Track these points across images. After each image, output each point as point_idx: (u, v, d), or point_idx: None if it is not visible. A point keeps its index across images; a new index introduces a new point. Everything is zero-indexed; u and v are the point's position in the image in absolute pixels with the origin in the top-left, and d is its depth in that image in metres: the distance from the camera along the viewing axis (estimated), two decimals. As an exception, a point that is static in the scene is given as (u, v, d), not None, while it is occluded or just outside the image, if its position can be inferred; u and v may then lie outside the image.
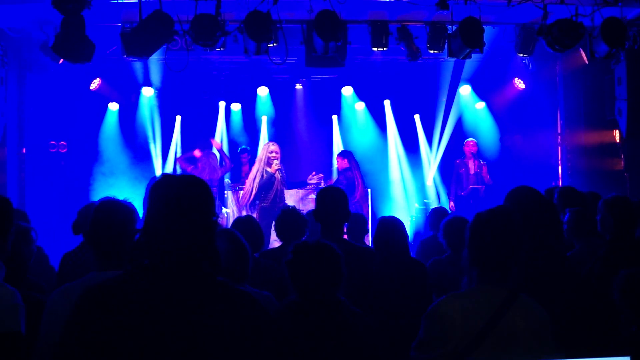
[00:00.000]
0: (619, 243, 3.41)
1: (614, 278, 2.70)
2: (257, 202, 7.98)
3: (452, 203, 9.58)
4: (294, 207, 4.58)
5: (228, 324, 1.63)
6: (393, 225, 3.89)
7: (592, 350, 2.15)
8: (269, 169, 7.88)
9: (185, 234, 1.68)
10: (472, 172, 9.54)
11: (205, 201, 1.75)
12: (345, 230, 3.74)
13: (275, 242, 6.36)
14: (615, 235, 3.45)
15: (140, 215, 2.55)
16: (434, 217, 5.37)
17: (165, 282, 1.64)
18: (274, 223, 4.39)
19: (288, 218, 4.22)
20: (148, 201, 1.74)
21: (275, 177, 7.87)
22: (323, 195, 3.50)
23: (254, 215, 7.62)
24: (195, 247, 1.69)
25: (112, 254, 2.36)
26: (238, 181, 10.15)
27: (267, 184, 7.87)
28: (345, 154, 8.91)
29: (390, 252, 3.79)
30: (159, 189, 1.74)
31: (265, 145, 8.26)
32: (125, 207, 2.45)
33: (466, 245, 2.30)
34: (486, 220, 2.26)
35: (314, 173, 9.07)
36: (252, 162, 10.34)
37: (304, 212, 4.90)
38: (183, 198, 1.71)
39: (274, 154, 7.92)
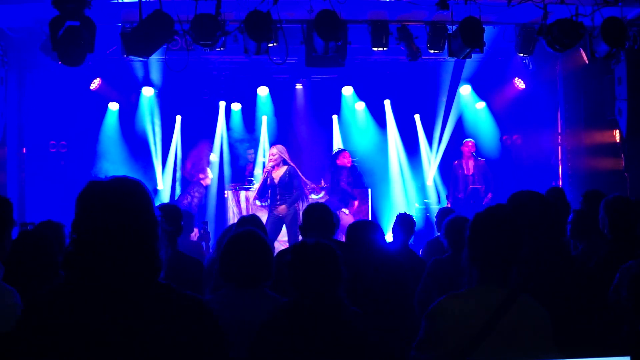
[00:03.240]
0: (619, 243, 3.41)
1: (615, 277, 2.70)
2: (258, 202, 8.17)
3: (448, 205, 9.54)
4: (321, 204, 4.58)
5: (169, 328, 1.57)
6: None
7: (592, 350, 2.14)
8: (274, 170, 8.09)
9: (118, 241, 1.61)
10: (469, 172, 9.52)
11: (139, 202, 1.68)
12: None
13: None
14: (615, 235, 3.45)
15: None
16: (441, 217, 5.36)
17: (102, 291, 1.58)
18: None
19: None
20: (76, 210, 1.66)
21: (267, 179, 8.07)
22: (310, 212, 3.64)
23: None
24: (130, 253, 1.61)
25: None
26: (240, 180, 10.18)
27: (262, 186, 8.15)
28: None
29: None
30: (85, 197, 1.67)
31: (270, 149, 8.51)
32: None
33: (466, 244, 2.29)
34: (486, 219, 2.25)
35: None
36: (255, 161, 10.46)
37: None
38: (112, 203, 1.63)
39: (269, 156, 8.18)
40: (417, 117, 10.94)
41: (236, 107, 10.99)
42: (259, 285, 2.79)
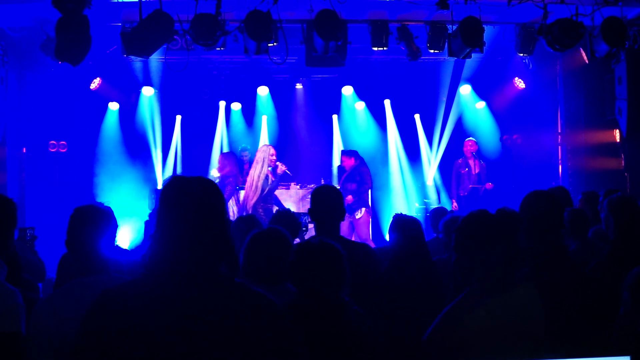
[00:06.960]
0: (622, 243, 3.41)
1: (617, 277, 2.70)
2: (261, 203, 8.07)
3: (455, 203, 9.52)
4: (288, 209, 4.56)
5: (244, 326, 1.61)
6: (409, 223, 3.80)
7: (592, 349, 2.14)
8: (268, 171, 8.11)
9: (198, 236, 1.65)
10: (474, 172, 9.53)
11: (216, 201, 1.72)
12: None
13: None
14: (618, 234, 3.45)
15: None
16: (434, 218, 5.35)
17: (180, 285, 1.62)
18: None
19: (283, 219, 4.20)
20: (158, 204, 1.72)
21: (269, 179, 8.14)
22: (318, 194, 3.50)
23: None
24: (210, 249, 1.66)
25: (89, 258, 2.37)
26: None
27: (268, 186, 8.14)
28: (350, 153, 8.91)
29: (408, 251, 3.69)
30: (168, 191, 1.72)
31: (265, 148, 8.40)
32: (101, 212, 2.46)
33: (452, 248, 2.30)
34: (466, 225, 2.26)
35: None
36: (251, 162, 10.39)
37: (303, 211, 4.86)
38: (194, 199, 1.68)
39: (275, 157, 8.23)
40: (417, 117, 10.94)
41: (236, 107, 10.99)
42: (280, 282, 2.75)
